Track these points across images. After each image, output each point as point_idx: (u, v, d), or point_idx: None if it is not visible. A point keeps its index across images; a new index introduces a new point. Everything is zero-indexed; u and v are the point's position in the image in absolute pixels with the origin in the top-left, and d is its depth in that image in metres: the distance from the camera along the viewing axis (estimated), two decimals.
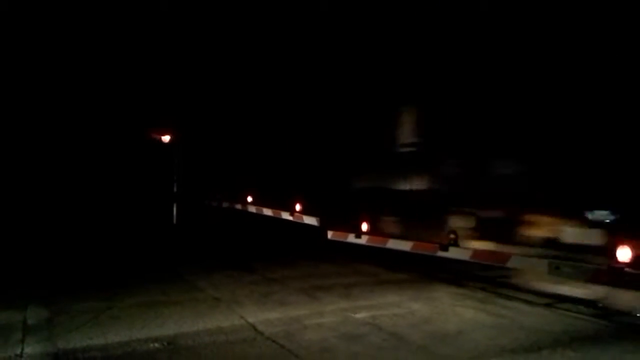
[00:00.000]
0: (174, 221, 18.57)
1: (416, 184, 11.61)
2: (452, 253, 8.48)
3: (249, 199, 15.55)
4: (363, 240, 10.31)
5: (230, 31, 18.05)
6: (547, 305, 7.58)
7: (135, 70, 20.02)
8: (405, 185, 11.86)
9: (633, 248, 6.12)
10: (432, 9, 11.03)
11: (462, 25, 10.31)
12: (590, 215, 7.81)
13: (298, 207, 12.89)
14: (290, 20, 15.69)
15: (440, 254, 8.65)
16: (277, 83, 16.71)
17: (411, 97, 11.96)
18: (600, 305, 7.44)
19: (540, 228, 8.28)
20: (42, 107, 20.19)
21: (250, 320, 6.62)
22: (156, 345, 5.65)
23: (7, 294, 8.13)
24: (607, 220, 7.53)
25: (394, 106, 12.47)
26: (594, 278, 6.66)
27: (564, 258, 7.22)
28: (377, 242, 10.12)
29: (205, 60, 19.24)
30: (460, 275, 9.22)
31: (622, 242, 6.22)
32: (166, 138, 18.61)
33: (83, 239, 15.20)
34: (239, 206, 15.91)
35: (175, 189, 18.93)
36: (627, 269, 6.15)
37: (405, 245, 9.44)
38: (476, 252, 8.21)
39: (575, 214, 7.83)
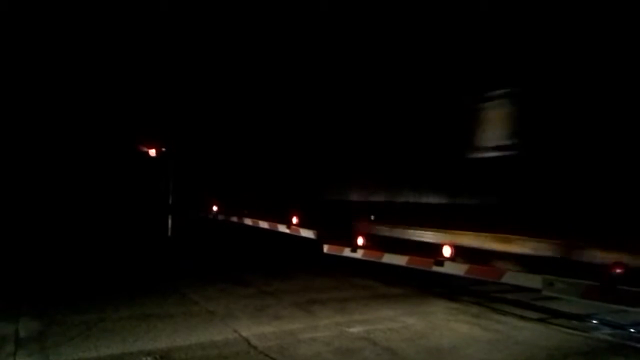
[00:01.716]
0: (169, 233, 18.53)
1: None
2: (447, 268, 8.48)
3: (245, 211, 15.54)
4: (358, 254, 10.31)
5: (218, 43, 18.13)
6: (541, 320, 7.60)
7: (129, 82, 20.09)
8: None
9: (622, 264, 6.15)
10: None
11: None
12: None
13: (295, 219, 12.87)
14: (283, 29, 15.77)
15: (435, 269, 8.65)
16: (270, 94, 16.75)
17: None
18: (594, 321, 7.46)
19: None
20: (38, 120, 20.22)
21: (244, 334, 6.60)
22: (149, 358, 5.63)
23: None
24: None
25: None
26: (587, 294, 6.67)
27: None
28: (372, 256, 10.11)
29: (199, 70, 19.29)
30: (455, 290, 9.24)
31: (615, 258, 6.25)
32: (161, 150, 18.62)
33: (77, 250, 15.15)
34: (234, 218, 15.89)
35: (170, 201, 18.90)
36: (619, 286, 6.17)
37: (400, 260, 9.44)
38: (471, 268, 8.21)
39: None
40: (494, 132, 9.00)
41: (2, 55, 18.12)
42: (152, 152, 18.63)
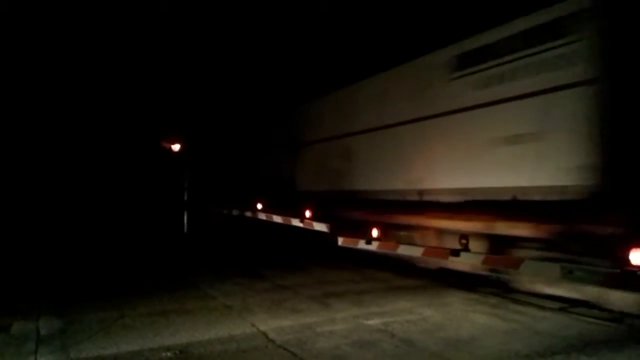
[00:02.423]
0: (185, 229, 18.64)
1: None
2: (464, 258, 8.41)
3: (259, 206, 15.56)
4: (373, 246, 10.26)
5: (237, 38, 18.22)
6: (560, 309, 7.52)
7: (145, 79, 20.22)
8: None
9: None
10: None
11: None
12: None
13: (308, 213, 12.87)
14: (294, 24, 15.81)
15: (452, 259, 8.58)
16: (284, 90, 16.76)
17: None
18: (615, 309, 7.35)
19: None
20: (56, 117, 20.45)
21: (262, 328, 6.62)
22: (168, 354, 5.67)
23: (19, 303, 8.18)
24: None
25: None
26: (607, 282, 6.58)
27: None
28: (387, 248, 10.06)
29: (216, 67, 19.38)
30: (472, 280, 9.18)
31: (636, 245, 6.14)
32: (176, 147, 18.70)
33: (94, 247, 15.30)
34: (249, 213, 15.93)
35: (185, 197, 19.00)
36: None
37: (416, 251, 9.39)
38: (488, 258, 8.14)
39: None
40: None
41: (28, 56, 18.41)
42: (170, 148, 18.70)
